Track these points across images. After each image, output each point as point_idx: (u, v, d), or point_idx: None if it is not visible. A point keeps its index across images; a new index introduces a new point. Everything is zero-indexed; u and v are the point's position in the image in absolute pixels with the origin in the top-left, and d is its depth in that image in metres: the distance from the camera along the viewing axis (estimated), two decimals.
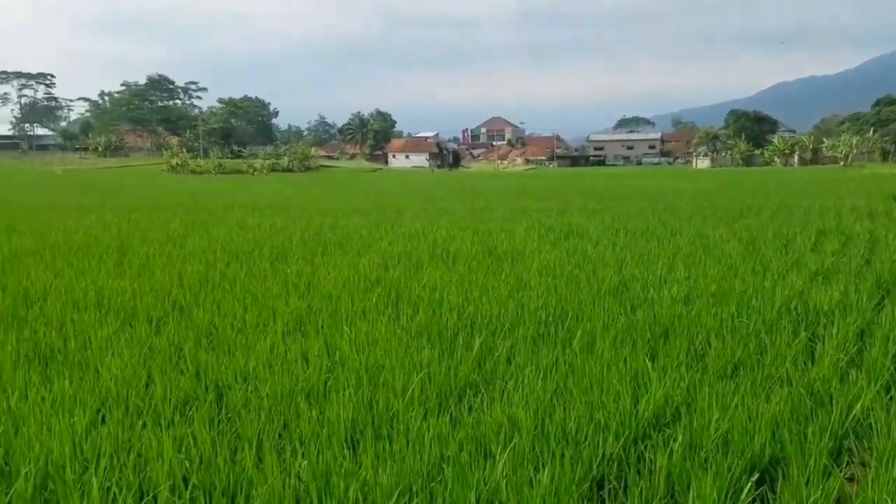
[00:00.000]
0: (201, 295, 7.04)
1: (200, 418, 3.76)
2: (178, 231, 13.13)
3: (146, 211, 19.26)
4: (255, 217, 17.14)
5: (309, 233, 12.87)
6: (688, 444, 3.53)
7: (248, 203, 23.94)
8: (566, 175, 70.65)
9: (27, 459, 3.17)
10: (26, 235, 12.14)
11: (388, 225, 14.75)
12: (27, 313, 6.22)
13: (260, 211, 19.90)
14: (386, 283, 7.64)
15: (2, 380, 4.36)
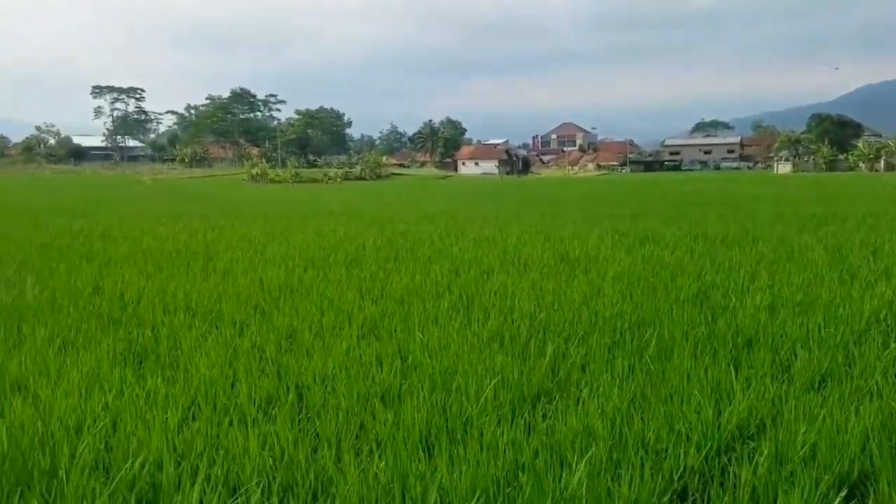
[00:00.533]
0: (281, 299, 7.25)
1: (283, 417, 3.89)
2: (259, 238, 13.52)
3: (230, 219, 19.89)
4: (330, 224, 17.49)
5: (381, 239, 13.06)
6: (773, 458, 3.44)
7: (323, 211, 24.45)
8: (640, 180, 69.42)
9: (126, 454, 3.35)
10: (121, 242, 12.73)
11: (459, 231, 14.83)
12: (122, 315, 6.54)
13: (335, 218, 20.29)
14: (457, 289, 7.70)
15: (99, 377, 4.61)
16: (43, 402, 4.01)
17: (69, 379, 4.53)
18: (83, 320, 6.30)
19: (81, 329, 5.96)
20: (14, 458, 3.26)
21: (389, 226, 16.60)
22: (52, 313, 6.58)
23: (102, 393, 4.23)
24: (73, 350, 5.33)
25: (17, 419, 3.66)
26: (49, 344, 5.47)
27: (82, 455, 3.29)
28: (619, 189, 45.53)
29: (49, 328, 5.96)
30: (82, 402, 4.06)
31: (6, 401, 4.09)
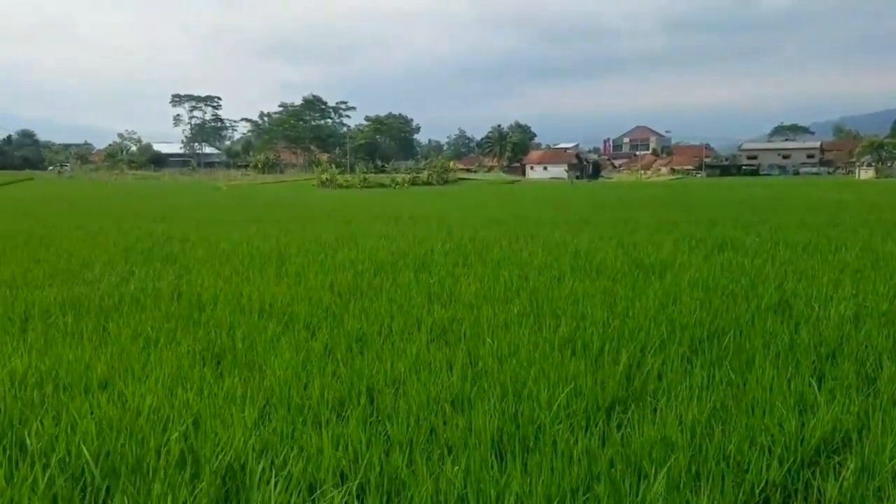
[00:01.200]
0: (351, 303, 7.34)
1: (355, 419, 3.93)
2: (330, 242, 13.73)
3: (301, 223, 20.31)
4: (398, 228, 17.65)
5: (450, 244, 13.09)
6: (860, 473, 3.30)
7: (391, 215, 24.67)
8: (716, 185, 67.73)
9: (208, 450, 3.44)
10: (198, 245, 13.12)
11: (528, 236, 14.74)
12: (200, 316, 6.72)
13: (403, 223, 20.46)
14: (527, 294, 7.65)
15: (181, 376, 4.74)
16: (128, 399, 4.15)
17: (153, 377, 4.68)
18: (164, 320, 6.50)
19: (163, 329, 6.15)
20: (104, 452, 3.39)
21: (458, 230, 16.63)
22: (135, 313, 6.82)
23: (184, 391, 4.35)
24: (155, 349, 5.50)
25: (104, 415, 3.80)
26: (133, 342, 5.67)
27: (168, 451, 3.40)
28: (694, 194, 44.51)
29: (132, 327, 6.18)
30: (165, 399, 4.19)
31: (93, 398, 4.25)
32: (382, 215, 24.41)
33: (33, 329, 6.15)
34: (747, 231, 15.39)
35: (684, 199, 35.84)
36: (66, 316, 6.61)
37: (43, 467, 3.21)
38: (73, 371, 4.79)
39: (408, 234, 15.72)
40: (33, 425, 3.72)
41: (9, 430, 3.69)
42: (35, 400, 4.21)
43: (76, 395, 4.34)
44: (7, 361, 4.93)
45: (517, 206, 31.10)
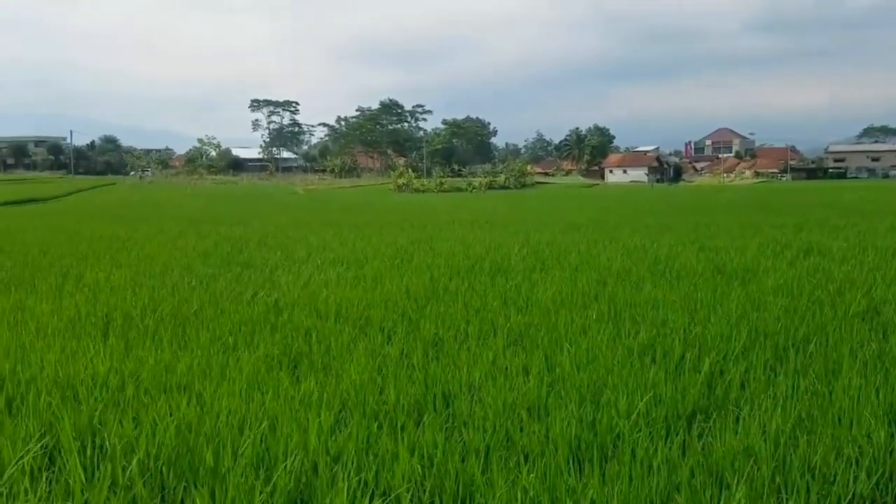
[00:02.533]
0: (427, 307, 7.33)
1: (431, 425, 3.89)
2: (406, 246, 13.81)
3: (377, 227, 20.52)
4: (474, 233, 17.62)
5: (527, 248, 12.98)
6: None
7: (467, 219, 24.68)
8: (802, 189, 65.23)
9: (284, 453, 3.46)
10: (276, 249, 13.40)
11: (606, 240, 14.49)
12: (277, 320, 6.82)
13: (479, 227, 20.42)
14: (605, 300, 7.50)
15: (258, 379, 4.81)
16: (207, 402, 4.22)
17: (231, 380, 4.76)
18: (242, 324, 6.62)
19: (241, 332, 6.26)
20: (182, 453, 3.45)
21: (535, 235, 16.49)
22: (213, 317, 6.96)
23: (261, 394, 4.41)
24: (233, 353, 5.60)
25: (183, 417, 3.87)
26: (211, 346, 5.78)
27: (244, 453, 3.43)
28: (779, 197, 43.00)
29: (211, 331, 6.30)
30: (243, 402, 4.24)
31: (173, 400, 4.34)
32: (459, 220, 24.44)
33: (115, 332, 6.36)
34: (834, 236, 14.76)
35: (768, 203, 34.68)
36: (145, 319, 6.80)
37: (123, 468, 3.29)
38: (153, 373, 4.91)
39: (484, 238, 15.68)
40: (114, 426, 3.82)
41: (90, 431, 3.80)
42: (117, 401, 4.33)
43: (156, 397, 4.45)
44: (90, 363, 5.09)
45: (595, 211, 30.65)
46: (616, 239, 14.91)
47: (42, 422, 3.90)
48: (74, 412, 4.02)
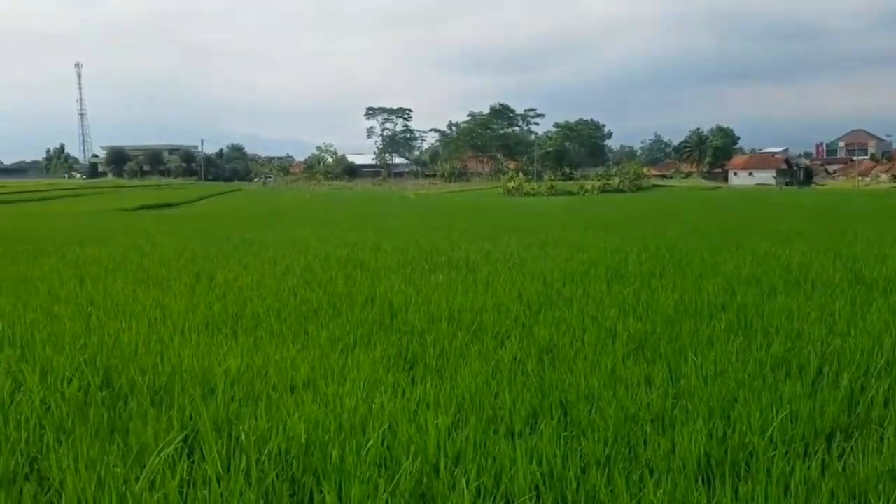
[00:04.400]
0: (541, 313, 7.23)
1: (549, 433, 3.81)
2: (517, 250, 13.73)
3: (488, 231, 20.53)
4: (588, 237, 17.32)
5: (645, 254, 12.62)
6: None
7: (580, 223, 24.33)
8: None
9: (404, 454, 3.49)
10: (390, 253, 13.63)
11: (732, 246, 13.89)
12: (392, 322, 6.91)
13: (593, 231, 20.08)
14: (733, 309, 7.16)
15: (376, 380, 4.88)
16: (329, 400, 4.31)
17: (351, 379, 4.84)
18: (359, 325, 6.74)
19: (358, 333, 6.38)
20: (310, 448, 3.53)
21: (653, 239, 16.04)
22: (332, 318, 7.13)
23: (380, 395, 4.46)
24: (352, 353, 5.70)
25: (310, 414, 3.97)
26: (331, 346, 5.92)
27: (368, 451, 3.47)
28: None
29: (330, 331, 6.45)
30: (363, 401, 4.31)
31: (298, 396, 4.47)
32: (572, 223, 24.13)
33: (244, 330, 6.61)
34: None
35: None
36: (270, 318, 7.05)
37: (256, 460, 3.40)
38: (279, 370, 5.07)
39: (599, 242, 15.38)
40: (247, 420, 3.96)
41: (226, 424, 3.95)
42: (248, 396, 4.49)
43: (283, 393, 4.59)
44: (223, 360, 5.32)
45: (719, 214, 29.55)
46: (743, 244, 14.28)
47: (183, 414, 4.09)
48: (212, 406, 4.20)
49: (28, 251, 14.53)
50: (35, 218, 32.46)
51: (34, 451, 3.67)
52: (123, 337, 6.06)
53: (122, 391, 4.64)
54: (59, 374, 4.92)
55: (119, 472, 3.29)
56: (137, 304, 7.86)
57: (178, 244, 16.27)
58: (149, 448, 3.57)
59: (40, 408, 4.23)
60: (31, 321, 6.83)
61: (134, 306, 7.74)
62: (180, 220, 30.30)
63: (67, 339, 5.97)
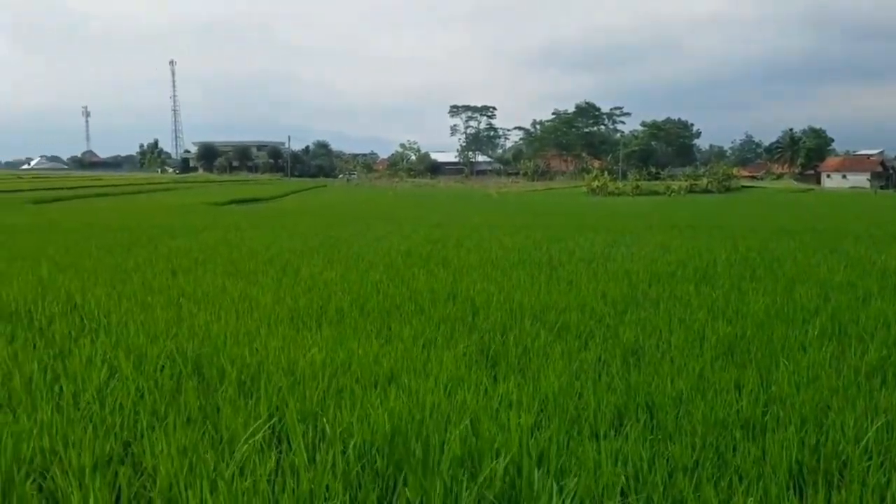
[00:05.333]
0: (626, 313, 7.10)
1: (634, 436, 3.73)
2: (601, 250, 13.52)
3: (571, 230, 20.30)
4: (674, 238, 16.89)
5: (735, 255, 12.23)
6: None
7: (666, 223, 23.78)
8: None
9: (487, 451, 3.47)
10: (471, 251, 13.63)
11: (826, 249, 13.30)
12: (474, 320, 6.90)
13: (679, 231, 19.59)
14: (826, 314, 6.85)
15: (458, 376, 4.88)
16: (412, 395, 4.34)
17: (433, 375, 4.86)
18: (441, 322, 6.76)
19: (440, 330, 6.39)
20: (393, 442, 3.56)
21: (742, 241, 15.52)
22: (414, 314, 7.18)
23: (462, 392, 4.46)
24: (434, 349, 5.72)
25: (393, 408, 4.00)
26: (413, 342, 5.95)
27: (451, 448, 3.47)
28: None
29: (413, 327, 6.48)
30: (445, 398, 4.31)
31: (381, 391, 4.51)
32: (658, 224, 23.61)
33: (328, 323, 6.73)
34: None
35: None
36: (353, 313, 7.14)
37: (341, 452, 3.45)
38: (362, 365, 5.13)
39: (685, 243, 14.98)
40: (331, 412, 4.03)
41: (311, 415, 4.03)
42: (332, 388, 4.57)
43: (367, 386, 4.65)
44: (307, 352, 5.42)
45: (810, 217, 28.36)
46: (837, 248, 13.65)
47: (270, 403, 4.19)
48: (298, 396, 4.29)
49: (123, 242, 15.22)
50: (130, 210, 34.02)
51: (128, 436, 3.83)
52: (213, 327, 6.26)
53: (212, 380, 4.79)
54: (152, 361, 5.13)
55: (210, 458, 3.39)
56: (226, 296, 8.09)
57: (265, 238, 16.72)
58: (238, 436, 3.68)
59: (135, 394, 4.41)
60: (126, 310, 7.14)
61: (223, 298, 7.98)
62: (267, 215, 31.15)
63: (160, 329, 6.21)
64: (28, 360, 5.05)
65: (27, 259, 11.54)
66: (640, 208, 43.99)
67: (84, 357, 5.14)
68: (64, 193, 51.31)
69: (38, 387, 4.53)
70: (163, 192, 63.88)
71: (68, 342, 5.78)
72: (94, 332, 6.16)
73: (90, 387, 4.49)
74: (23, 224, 23.00)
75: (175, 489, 3.16)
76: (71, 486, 3.11)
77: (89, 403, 4.23)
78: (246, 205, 45.94)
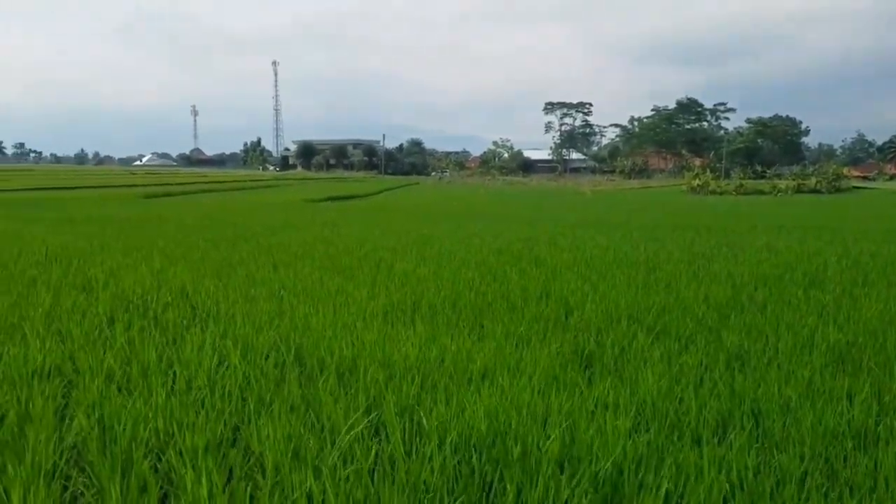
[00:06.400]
0: (730, 317, 6.87)
1: (739, 443, 3.61)
2: (702, 251, 13.12)
3: (668, 229, 19.79)
4: (781, 239, 16.21)
5: (846, 259, 11.61)
6: None
7: (772, 224, 22.85)
8: None
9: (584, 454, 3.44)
10: (565, 250, 13.48)
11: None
12: (568, 320, 6.83)
13: (787, 232, 18.80)
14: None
15: (552, 376, 4.85)
16: (506, 393, 4.34)
17: (527, 374, 4.84)
18: (534, 321, 6.71)
19: (533, 329, 6.35)
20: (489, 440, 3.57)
21: (854, 244, 14.74)
22: (506, 312, 7.15)
23: (557, 392, 4.42)
24: (527, 348, 5.69)
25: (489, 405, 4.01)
26: (506, 340, 5.94)
27: (549, 448, 3.46)
28: None
29: (505, 325, 6.47)
30: (539, 397, 4.29)
31: (475, 387, 4.53)
32: (763, 224, 22.72)
33: (421, 319, 6.79)
34: None
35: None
36: (446, 310, 7.18)
37: (437, 446, 3.48)
38: (455, 361, 5.15)
39: (794, 245, 14.35)
40: (427, 406, 4.07)
41: (407, 409, 4.09)
42: (426, 384, 4.62)
43: (461, 383, 4.67)
44: (401, 346, 5.50)
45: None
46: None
47: (368, 395, 4.29)
48: (395, 390, 4.37)
49: (228, 237, 15.84)
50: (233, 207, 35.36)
51: (237, 421, 4.00)
52: (311, 320, 6.43)
53: (313, 370, 4.93)
54: (257, 350, 5.33)
55: (313, 445, 3.50)
56: (323, 290, 8.29)
57: (360, 234, 17.04)
58: (338, 426, 3.78)
59: (242, 381, 4.59)
60: (232, 301, 7.43)
61: (320, 291, 8.18)
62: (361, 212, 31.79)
63: (264, 320, 6.44)
64: (144, 347, 5.34)
65: (141, 251, 12.17)
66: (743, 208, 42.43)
67: (195, 345, 5.39)
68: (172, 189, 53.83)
69: (154, 372, 4.78)
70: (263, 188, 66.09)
71: (180, 330, 6.07)
72: (204, 321, 6.45)
73: (201, 373, 4.71)
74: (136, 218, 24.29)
75: (283, 473, 3.28)
76: (185, 467, 3.27)
77: (200, 389, 4.44)
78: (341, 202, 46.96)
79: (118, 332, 5.82)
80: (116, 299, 7.43)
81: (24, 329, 5.92)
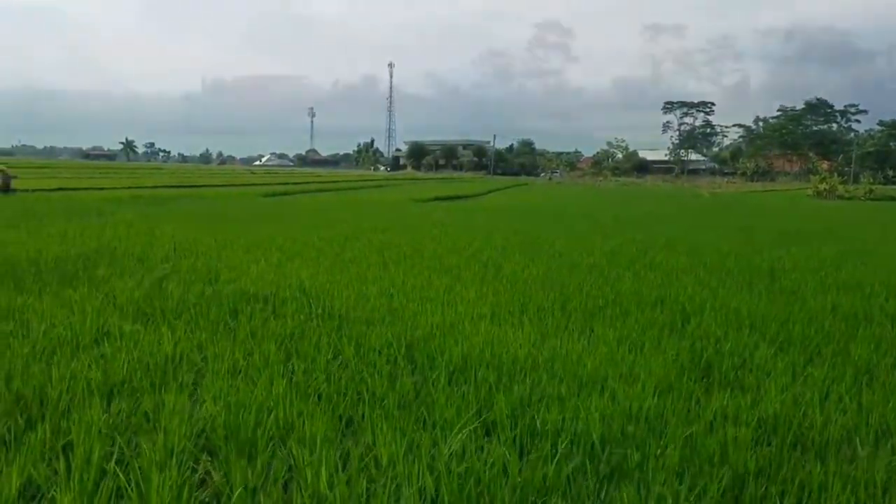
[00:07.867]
0: (859, 329, 6.49)
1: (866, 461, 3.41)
2: (829, 259, 12.42)
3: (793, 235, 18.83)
4: None
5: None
6: None
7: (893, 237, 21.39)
8: None
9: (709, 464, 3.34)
10: (681, 253, 13.08)
11: None
12: (684, 326, 6.63)
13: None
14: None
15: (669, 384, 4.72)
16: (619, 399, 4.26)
17: (641, 381, 4.74)
18: (648, 326, 6.56)
19: (647, 334, 6.20)
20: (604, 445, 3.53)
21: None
22: (619, 317, 7.02)
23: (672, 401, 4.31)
24: (640, 354, 5.57)
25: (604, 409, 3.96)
26: (618, 345, 5.83)
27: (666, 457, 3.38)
28: None
29: (617, 330, 6.35)
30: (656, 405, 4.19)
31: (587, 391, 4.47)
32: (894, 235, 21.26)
33: (530, 320, 6.76)
34: None
35: None
36: (555, 312, 7.12)
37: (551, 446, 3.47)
38: (566, 364, 5.11)
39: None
40: (537, 409, 4.06)
41: (521, 410, 4.09)
42: (536, 384, 4.60)
43: (571, 386, 4.62)
44: (510, 347, 5.50)
45: None
46: None
47: (478, 394, 4.32)
48: (505, 391, 4.38)
49: (340, 235, 16.26)
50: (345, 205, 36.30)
51: (351, 413, 4.11)
52: (420, 319, 6.53)
53: (423, 367, 5.01)
54: (370, 346, 5.46)
55: (426, 441, 3.56)
56: (432, 289, 8.39)
57: (467, 234, 17.10)
58: (450, 423, 3.82)
59: (356, 375, 4.72)
60: (346, 297, 7.63)
61: (429, 291, 8.28)
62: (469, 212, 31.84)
63: (376, 317, 6.58)
64: (266, 339, 5.58)
65: (260, 248, 12.69)
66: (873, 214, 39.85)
67: (313, 339, 5.58)
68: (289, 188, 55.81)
69: (274, 362, 4.99)
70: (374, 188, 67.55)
71: (299, 324, 6.30)
72: (320, 316, 6.67)
73: (318, 366, 4.88)
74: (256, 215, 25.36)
75: (398, 467, 3.35)
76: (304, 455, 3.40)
77: (317, 381, 4.59)
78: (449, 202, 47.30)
79: (242, 323, 6.10)
80: (239, 292, 7.79)
81: (156, 319, 6.31)
